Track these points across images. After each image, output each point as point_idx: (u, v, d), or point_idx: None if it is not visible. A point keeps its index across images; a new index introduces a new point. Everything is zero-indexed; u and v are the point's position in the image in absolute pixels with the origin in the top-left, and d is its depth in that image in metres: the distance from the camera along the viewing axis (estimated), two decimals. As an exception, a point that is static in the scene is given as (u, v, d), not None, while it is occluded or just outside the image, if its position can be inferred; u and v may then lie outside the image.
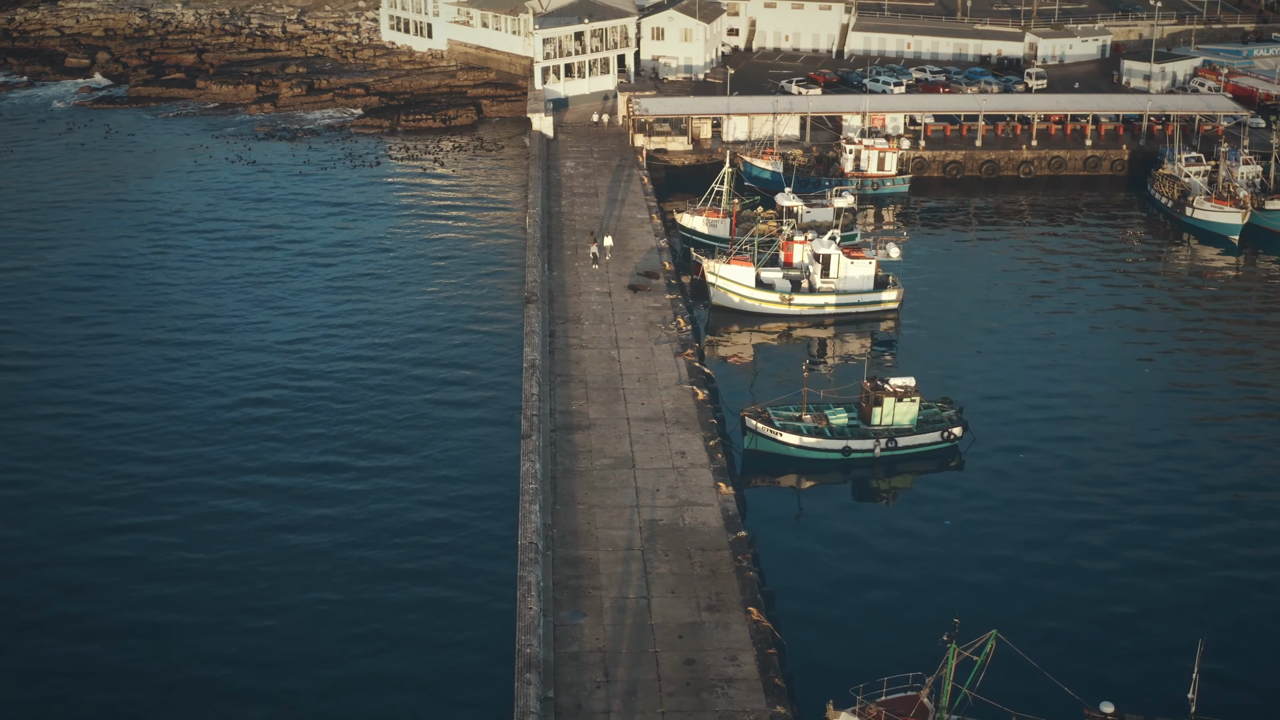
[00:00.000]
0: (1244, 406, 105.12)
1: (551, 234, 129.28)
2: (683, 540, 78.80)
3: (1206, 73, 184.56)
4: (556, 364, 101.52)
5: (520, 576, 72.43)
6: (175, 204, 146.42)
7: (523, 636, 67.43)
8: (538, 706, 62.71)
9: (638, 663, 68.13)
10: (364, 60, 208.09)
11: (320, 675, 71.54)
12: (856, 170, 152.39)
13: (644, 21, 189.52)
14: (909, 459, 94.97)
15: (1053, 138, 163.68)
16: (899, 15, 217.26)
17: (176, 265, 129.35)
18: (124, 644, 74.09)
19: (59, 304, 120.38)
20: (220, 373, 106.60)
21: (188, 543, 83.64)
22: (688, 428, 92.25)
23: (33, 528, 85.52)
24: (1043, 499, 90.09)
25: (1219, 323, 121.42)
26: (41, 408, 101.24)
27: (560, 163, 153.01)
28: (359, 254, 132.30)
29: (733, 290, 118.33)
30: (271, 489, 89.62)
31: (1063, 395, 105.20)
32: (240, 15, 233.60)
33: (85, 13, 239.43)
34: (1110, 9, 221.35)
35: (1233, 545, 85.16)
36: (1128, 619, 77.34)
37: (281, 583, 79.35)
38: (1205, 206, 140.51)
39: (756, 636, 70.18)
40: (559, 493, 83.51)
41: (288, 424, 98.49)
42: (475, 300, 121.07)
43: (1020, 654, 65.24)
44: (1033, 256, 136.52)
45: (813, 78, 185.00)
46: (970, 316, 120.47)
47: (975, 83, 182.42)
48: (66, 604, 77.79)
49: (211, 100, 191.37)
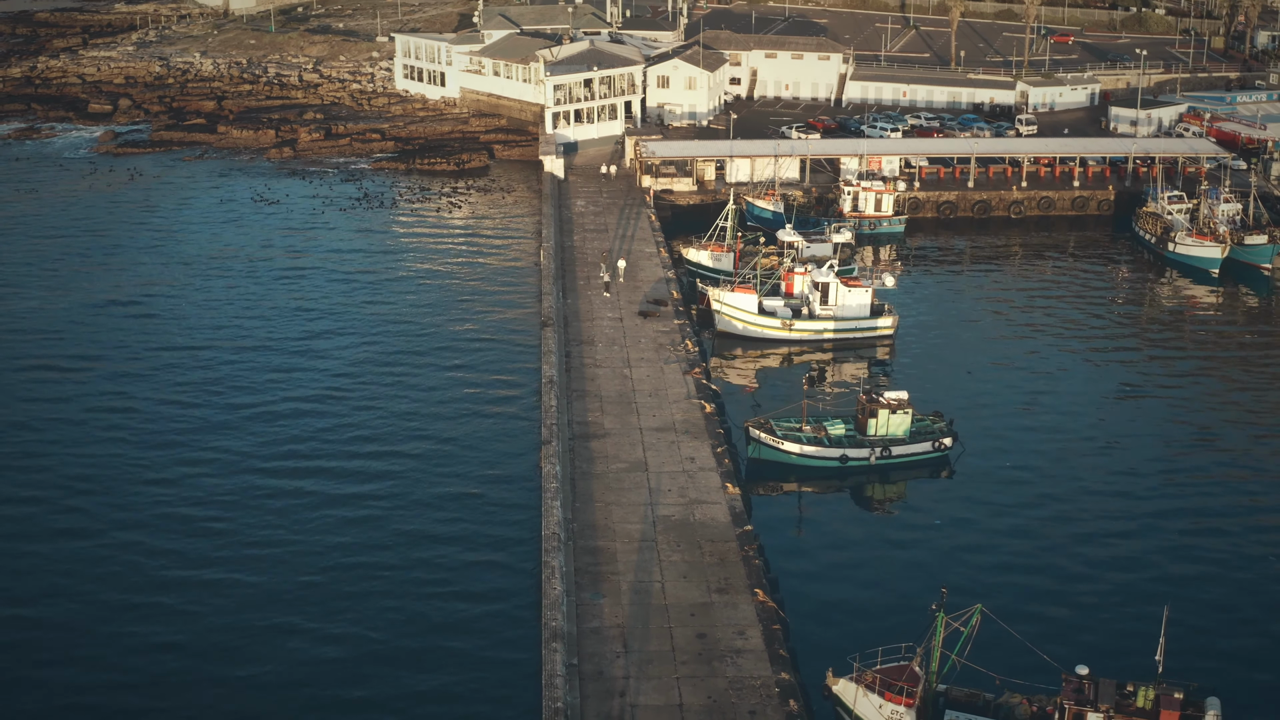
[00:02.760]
0: (1214, 418, 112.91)
1: (565, 266, 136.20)
2: (693, 533, 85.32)
3: (1191, 118, 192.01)
4: (573, 380, 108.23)
5: (544, 561, 78.93)
6: (202, 239, 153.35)
7: (548, 612, 73.89)
8: (563, 670, 69.01)
9: (654, 636, 74.56)
10: (379, 107, 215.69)
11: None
12: (854, 211, 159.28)
13: (650, 70, 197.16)
14: (902, 467, 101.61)
15: (1042, 179, 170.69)
16: (895, 65, 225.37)
17: (207, 297, 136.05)
18: (128, 663, 78.19)
19: (99, 328, 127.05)
20: (258, 404, 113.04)
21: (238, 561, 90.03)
22: (696, 437, 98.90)
23: (106, 538, 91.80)
24: (1025, 502, 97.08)
25: (1197, 348, 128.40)
26: (95, 404, 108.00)
27: (571, 202, 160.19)
28: (379, 286, 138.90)
29: (736, 317, 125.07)
30: (317, 494, 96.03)
31: (1047, 411, 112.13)
32: (257, 65, 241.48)
33: (106, 61, 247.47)
34: (1099, 59, 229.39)
35: (1192, 534, 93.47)
36: (1100, 595, 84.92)
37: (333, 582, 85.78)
38: (1186, 242, 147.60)
39: (762, 614, 76.60)
40: (578, 492, 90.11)
41: (322, 431, 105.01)
42: (493, 327, 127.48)
43: (1003, 626, 71.79)
44: (1022, 289, 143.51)
45: (812, 124, 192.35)
46: (962, 342, 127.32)
47: (968, 129, 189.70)
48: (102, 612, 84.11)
49: (232, 145, 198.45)
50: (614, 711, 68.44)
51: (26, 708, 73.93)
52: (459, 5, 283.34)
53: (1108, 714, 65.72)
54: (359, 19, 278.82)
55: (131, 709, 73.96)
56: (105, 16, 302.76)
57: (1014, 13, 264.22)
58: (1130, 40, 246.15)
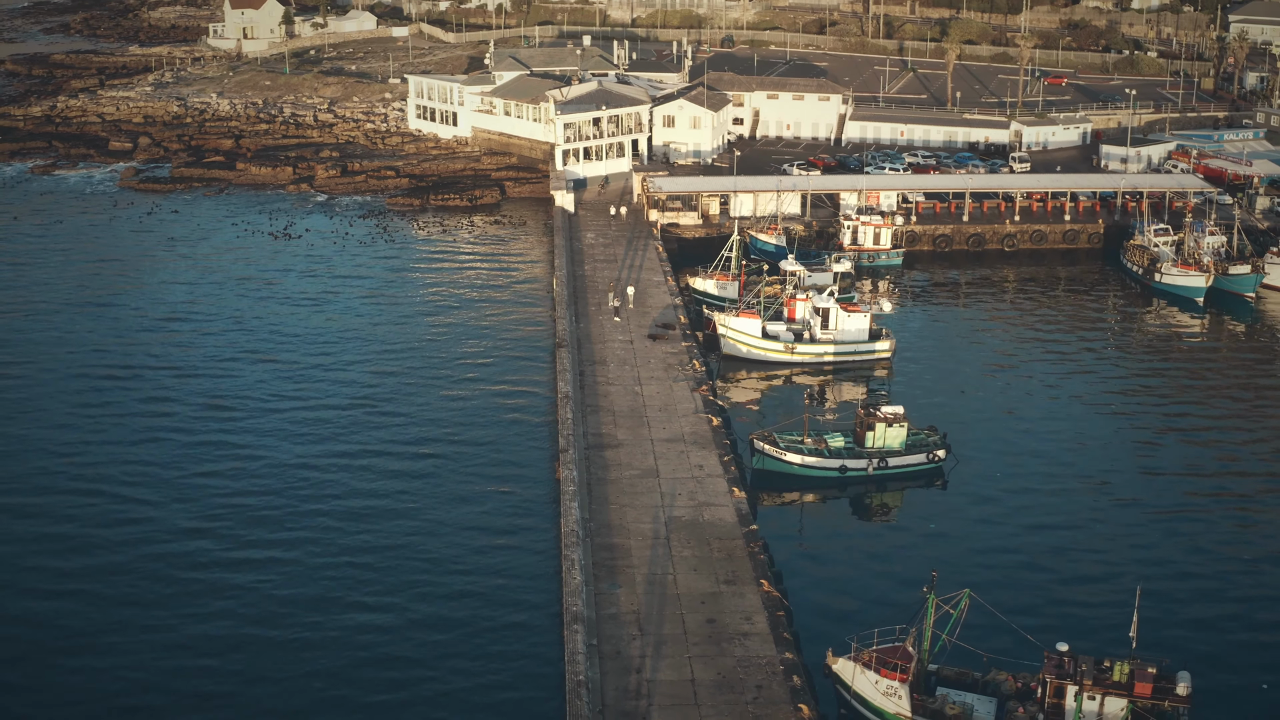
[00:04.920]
0: (1192, 423, 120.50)
1: (577, 293, 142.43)
2: (702, 532, 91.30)
3: (1179, 155, 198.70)
4: (586, 397, 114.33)
5: (564, 555, 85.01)
6: (229, 265, 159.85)
7: (569, 598, 79.93)
8: (584, 649, 74.85)
9: (667, 621, 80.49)
10: (393, 146, 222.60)
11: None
12: (853, 244, 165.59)
13: (656, 110, 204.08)
14: (898, 477, 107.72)
15: (1034, 213, 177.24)
16: (893, 106, 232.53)
17: (236, 316, 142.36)
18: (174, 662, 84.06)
19: (140, 343, 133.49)
20: (297, 407, 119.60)
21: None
22: (704, 447, 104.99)
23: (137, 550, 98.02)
24: (1012, 507, 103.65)
25: (1182, 369, 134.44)
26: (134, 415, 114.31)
27: (581, 234, 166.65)
28: (398, 310, 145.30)
29: (741, 340, 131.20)
30: (347, 511, 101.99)
31: (1035, 427, 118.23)
32: (273, 105, 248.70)
33: (124, 100, 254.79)
34: (1091, 99, 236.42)
35: (1161, 524, 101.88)
36: (1078, 582, 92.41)
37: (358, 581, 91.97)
38: (1172, 272, 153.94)
39: (768, 602, 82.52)
40: (594, 495, 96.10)
41: (352, 445, 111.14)
42: (508, 349, 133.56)
43: (989, 608, 77.80)
44: (1015, 317, 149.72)
45: (813, 162, 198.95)
46: (956, 365, 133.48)
47: (964, 166, 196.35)
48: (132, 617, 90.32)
49: (251, 181, 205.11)
50: (631, 686, 74.24)
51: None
52: (467, 49, 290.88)
53: (1087, 688, 71.43)
54: (370, 61, 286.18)
55: (215, 670, 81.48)
56: (120, 59, 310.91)
57: (1009, 55, 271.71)
58: (1122, 81, 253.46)
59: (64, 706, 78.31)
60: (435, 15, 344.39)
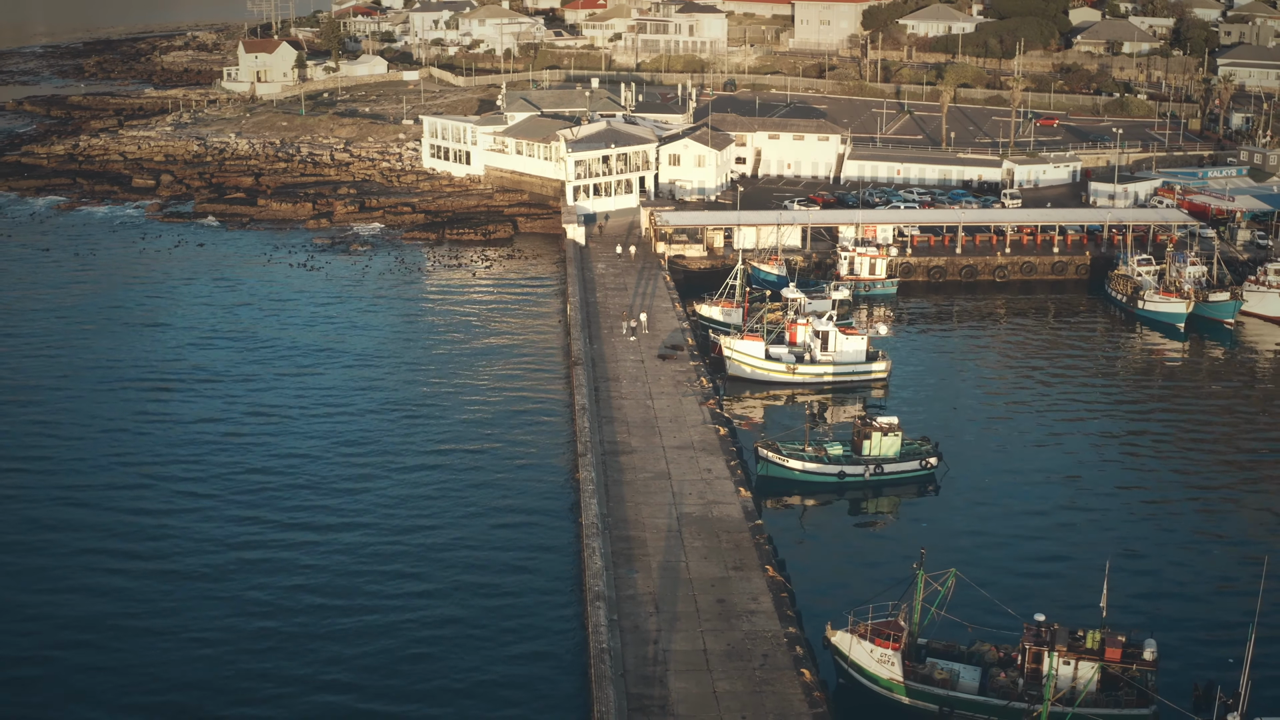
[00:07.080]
0: (1168, 445, 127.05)
1: (590, 318, 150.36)
2: (712, 526, 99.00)
3: (1165, 192, 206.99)
4: (601, 409, 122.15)
5: (585, 543, 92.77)
6: (256, 290, 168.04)
7: (591, 580, 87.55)
8: (606, 621, 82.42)
9: (680, 601, 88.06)
10: (408, 184, 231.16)
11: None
12: (851, 274, 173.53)
13: (662, 148, 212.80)
14: (893, 482, 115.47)
15: (1024, 246, 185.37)
16: (890, 146, 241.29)
17: (270, 336, 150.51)
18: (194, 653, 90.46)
19: (176, 360, 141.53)
20: (336, 414, 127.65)
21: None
22: (712, 453, 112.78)
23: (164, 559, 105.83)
24: (999, 508, 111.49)
25: (1163, 389, 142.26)
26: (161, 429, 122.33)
27: (593, 265, 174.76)
28: (418, 334, 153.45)
29: (746, 362, 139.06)
30: (376, 517, 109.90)
31: (1022, 439, 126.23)
32: (290, 144, 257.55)
33: (145, 140, 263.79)
34: (1081, 140, 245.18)
35: (1129, 509, 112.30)
36: (1054, 560, 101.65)
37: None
38: (1154, 299, 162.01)
39: (772, 586, 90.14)
40: (610, 495, 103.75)
41: (379, 452, 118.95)
42: (524, 368, 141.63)
43: (974, 586, 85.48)
44: (1005, 341, 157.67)
45: (812, 199, 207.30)
46: (949, 384, 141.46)
47: (957, 203, 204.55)
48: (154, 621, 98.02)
49: (272, 216, 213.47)
50: (649, 654, 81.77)
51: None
52: (477, 93, 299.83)
53: (1062, 654, 78.93)
54: (383, 104, 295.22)
55: (256, 649, 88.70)
56: (136, 100, 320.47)
57: (1002, 98, 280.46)
58: (1112, 122, 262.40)
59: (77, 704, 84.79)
60: (444, 60, 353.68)
